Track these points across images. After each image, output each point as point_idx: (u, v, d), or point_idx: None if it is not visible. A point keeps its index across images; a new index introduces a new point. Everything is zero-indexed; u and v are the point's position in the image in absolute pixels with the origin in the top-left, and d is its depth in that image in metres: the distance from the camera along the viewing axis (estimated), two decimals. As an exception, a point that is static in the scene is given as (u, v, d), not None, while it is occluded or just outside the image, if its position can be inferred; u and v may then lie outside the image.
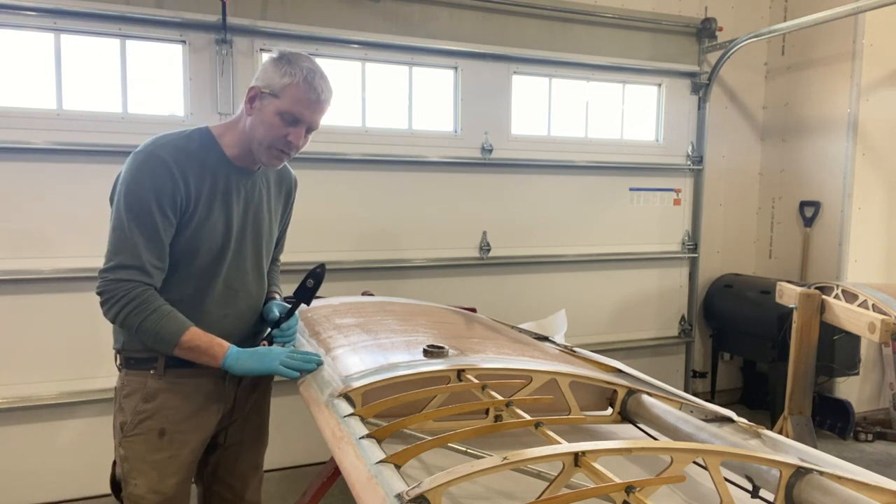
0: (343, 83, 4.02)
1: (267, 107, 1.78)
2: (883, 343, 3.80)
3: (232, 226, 1.86)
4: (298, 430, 3.93)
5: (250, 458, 2.15)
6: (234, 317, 1.92)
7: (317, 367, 1.77)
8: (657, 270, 5.04)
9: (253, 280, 1.97)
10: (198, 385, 1.87)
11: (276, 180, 2.04)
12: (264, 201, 1.97)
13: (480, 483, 1.33)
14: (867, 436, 4.51)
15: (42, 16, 3.33)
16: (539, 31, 4.45)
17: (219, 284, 1.87)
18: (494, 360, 1.87)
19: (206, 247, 1.82)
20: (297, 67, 1.79)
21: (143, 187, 1.71)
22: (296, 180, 2.15)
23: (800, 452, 1.44)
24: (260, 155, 1.83)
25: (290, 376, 1.76)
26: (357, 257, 4.07)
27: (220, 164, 1.84)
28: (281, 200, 2.07)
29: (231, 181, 1.86)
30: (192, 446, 1.89)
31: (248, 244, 1.93)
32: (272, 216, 2.02)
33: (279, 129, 1.79)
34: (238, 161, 1.87)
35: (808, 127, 4.96)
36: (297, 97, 1.78)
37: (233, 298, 1.90)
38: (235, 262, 1.89)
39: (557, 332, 2.98)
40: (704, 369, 5.26)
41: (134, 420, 1.81)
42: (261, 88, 1.79)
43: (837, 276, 4.65)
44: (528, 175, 4.52)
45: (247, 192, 1.91)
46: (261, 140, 1.80)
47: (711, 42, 4.91)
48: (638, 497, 1.03)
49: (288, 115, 1.78)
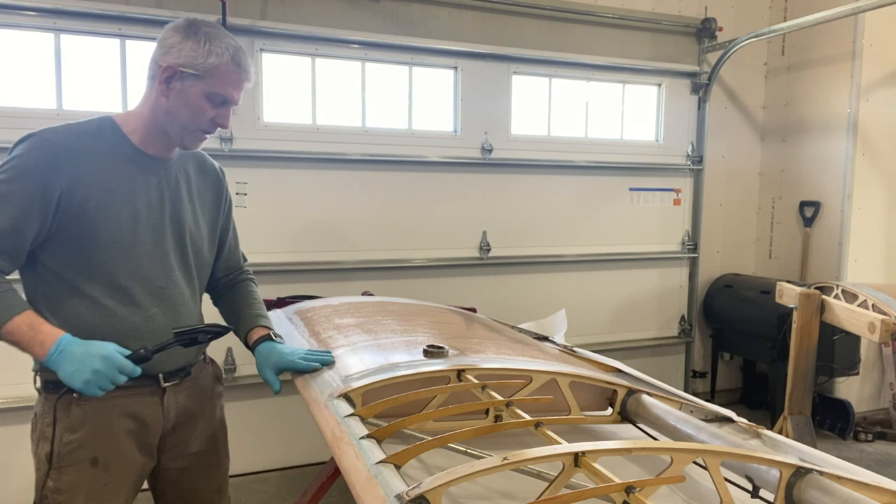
0: (343, 83, 4.03)
1: (190, 88, 1.64)
2: (883, 343, 3.80)
3: (140, 216, 1.70)
4: (298, 430, 3.94)
5: (209, 483, 1.93)
6: (165, 316, 1.73)
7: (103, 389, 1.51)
8: (657, 270, 5.04)
9: (182, 278, 1.80)
10: (131, 404, 1.70)
11: (197, 169, 1.87)
12: (184, 191, 1.80)
13: (480, 483, 1.33)
14: (867, 436, 4.51)
15: (42, 16, 3.34)
16: (539, 31, 4.46)
17: (140, 280, 1.70)
18: (494, 360, 1.87)
19: (110, 238, 1.65)
20: (221, 45, 1.65)
21: (17, 168, 1.57)
22: (221, 170, 1.97)
23: (800, 452, 1.44)
24: (182, 139, 1.71)
25: (88, 391, 1.51)
26: (357, 257, 4.07)
27: (122, 152, 1.69)
28: (209, 193, 1.90)
29: (137, 169, 1.70)
30: (134, 468, 1.74)
31: (169, 238, 1.76)
32: (196, 208, 1.84)
33: (207, 111, 1.67)
34: (146, 148, 1.72)
35: (808, 127, 4.96)
36: (227, 78, 1.66)
37: (160, 297, 1.73)
38: (156, 258, 1.73)
39: (557, 332, 2.98)
40: (704, 369, 5.26)
41: (62, 451, 1.64)
42: (179, 67, 1.63)
43: (837, 276, 4.66)
44: (528, 175, 4.52)
45: (160, 181, 1.74)
46: (185, 124, 1.68)
47: (711, 42, 4.92)
48: (638, 497, 1.03)
49: (217, 97, 1.67)
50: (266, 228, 3.84)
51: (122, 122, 1.72)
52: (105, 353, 1.52)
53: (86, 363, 1.49)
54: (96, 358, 1.50)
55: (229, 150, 3.70)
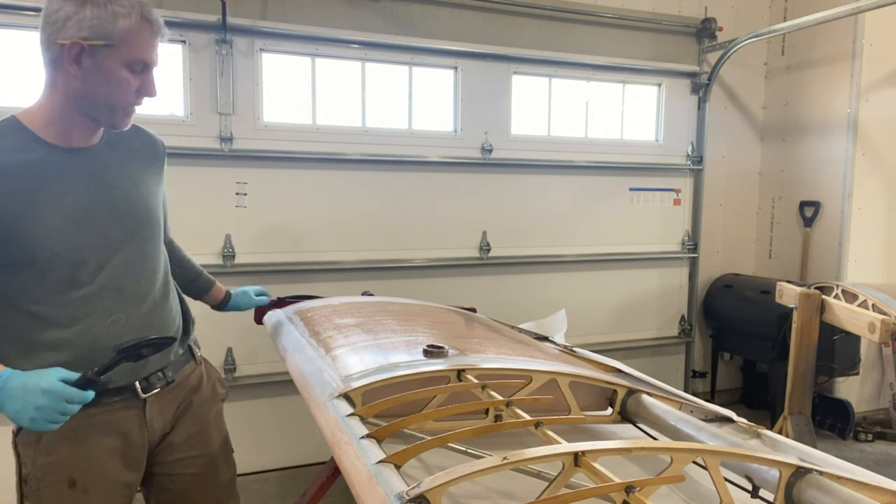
0: (343, 83, 4.03)
1: (105, 61, 1.44)
2: (883, 343, 3.80)
3: (80, 218, 1.52)
4: (298, 430, 3.94)
5: (205, 496, 1.82)
6: (129, 317, 1.59)
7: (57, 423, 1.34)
8: (657, 270, 5.04)
9: (144, 272, 1.64)
10: (110, 420, 1.58)
11: (141, 147, 1.71)
12: (120, 174, 1.61)
13: (480, 483, 1.33)
14: (867, 436, 4.51)
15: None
16: (539, 31, 4.46)
17: (94, 290, 1.54)
18: (494, 360, 1.87)
19: (50, 253, 1.48)
20: (125, 4, 1.45)
21: None
22: (161, 141, 1.79)
23: (800, 452, 1.44)
24: (111, 119, 1.53)
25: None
26: (357, 257, 4.07)
27: (36, 153, 1.49)
28: (152, 169, 1.72)
29: (57, 168, 1.51)
30: (117, 487, 1.62)
31: (119, 231, 1.59)
32: (140, 187, 1.65)
33: (131, 82, 1.48)
34: (63, 141, 1.52)
35: (808, 127, 4.96)
36: (142, 40, 1.46)
37: (115, 299, 1.58)
38: (108, 260, 1.57)
39: (557, 332, 2.98)
40: (704, 369, 5.26)
41: (36, 473, 1.54)
42: (86, 41, 1.42)
43: (837, 276, 4.66)
44: (528, 175, 4.52)
45: (90, 174, 1.55)
46: (110, 102, 1.49)
47: (711, 42, 4.91)
48: (638, 497, 1.03)
49: (138, 64, 1.47)
50: (266, 228, 3.84)
51: (29, 119, 1.53)
52: (45, 386, 1.32)
53: (28, 400, 1.31)
54: (36, 393, 1.31)
55: (229, 150, 3.70)
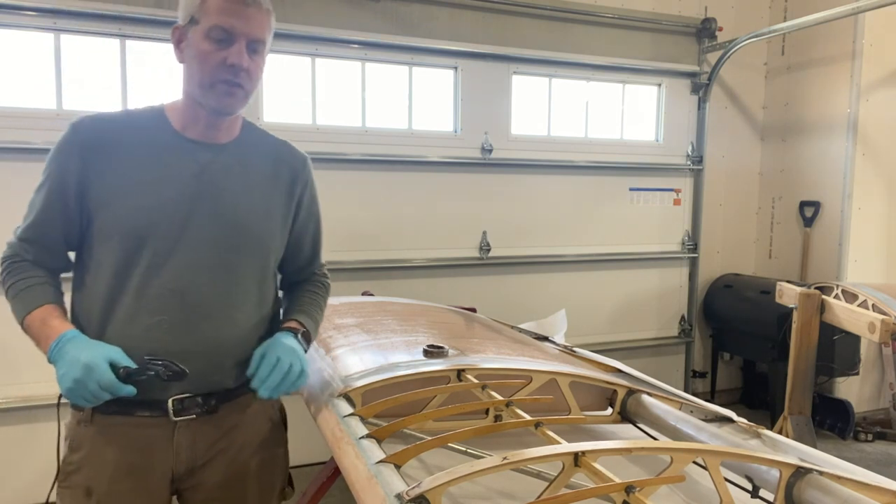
0: (343, 83, 4.03)
1: (193, 38, 1.45)
2: (883, 343, 3.80)
3: (166, 208, 1.47)
4: (298, 430, 3.92)
5: None
6: (172, 325, 1.46)
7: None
8: (657, 270, 5.04)
9: (218, 281, 1.51)
10: (135, 436, 1.47)
11: (266, 157, 1.63)
12: (237, 180, 1.56)
13: (480, 483, 1.33)
14: (867, 436, 4.51)
15: (42, 16, 3.33)
16: (539, 31, 4.46)
17: (146, 281, 1.45)
18: (494, 360, 1.87)
19: (124, 233, 1.46)
20: None
21: (51, 159, 1.49)
22: (304, 159, 1.72)
23: (800, 452, 1.44)
24: (208, 100, 1.47)
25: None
26: (357, 257, 4.07)
27: (161, 139, 1.51)
28: (281, 186, 1.64)
29: (173, 157, 1.50)
30: None
31: (205, 233, 1.50)
32: (256, 199, 1.58)
33: (214, 54, 1.44)
34: (187, 132, 1.52)
35: (808, 127, 4.96)
36: (218, 7, 1.44)
37: (170, 301, 1.46)
38: (179, 256, 1.47)
39: (557, 332, 2.98)
40: (704, 369, 5.26)
41: (64, 469, 1.50)
42: (181, 25, 1.48)
43: (837, 276, 4.65)
44: (528, 175, 4.52)
45: (202, 169, 1.51)
46: (201, 80, 1.46)
47: (711, 42, 4.92)
48: (638, 497, 1.03)
49: (216, 32, 1.43)
50: (266, 228, 3.84)
51: (170, 108, 1.56)
52: (88, 362, 1.29)
53: (71, 368, 1.30)
54: (77, 365, 1.29)
55: (229, 150, 3.69)
